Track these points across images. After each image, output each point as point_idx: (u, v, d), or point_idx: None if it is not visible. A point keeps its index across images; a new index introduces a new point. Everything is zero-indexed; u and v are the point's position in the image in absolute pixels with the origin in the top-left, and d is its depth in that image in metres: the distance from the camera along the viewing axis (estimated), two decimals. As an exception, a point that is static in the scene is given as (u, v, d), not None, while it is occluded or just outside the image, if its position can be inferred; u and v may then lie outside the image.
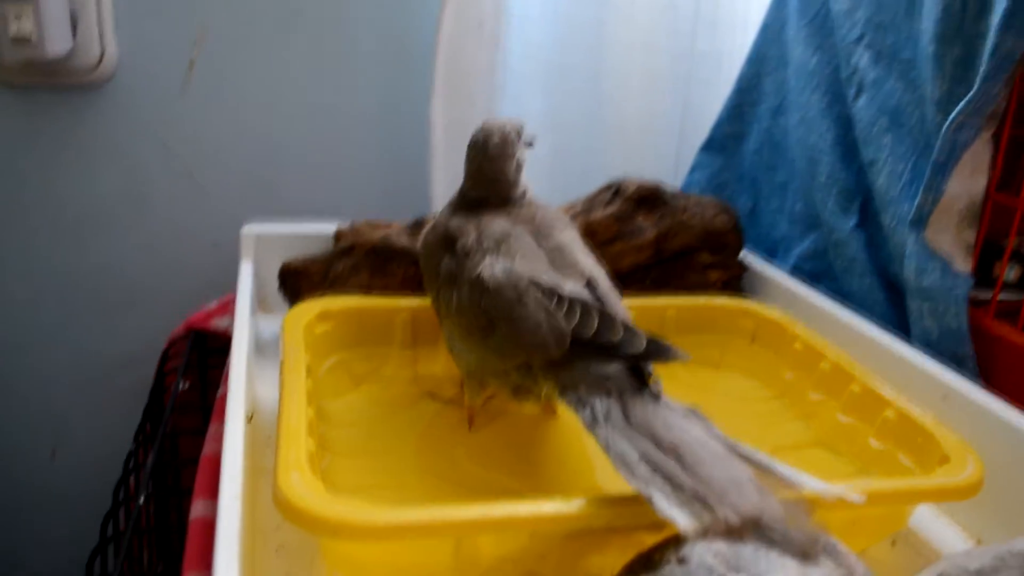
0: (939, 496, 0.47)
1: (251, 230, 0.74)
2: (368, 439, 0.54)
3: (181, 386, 0.65)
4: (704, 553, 0.38)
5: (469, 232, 0.53)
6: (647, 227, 0.70)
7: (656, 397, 0.43)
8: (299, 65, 0.86)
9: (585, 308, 0.46)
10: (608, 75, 0.93)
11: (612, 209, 0.70)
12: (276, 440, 0.44)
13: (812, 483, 0.39)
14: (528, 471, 0.53)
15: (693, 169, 0.90)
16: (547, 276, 0.49)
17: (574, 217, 0.70)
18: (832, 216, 0.71)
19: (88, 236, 0.85)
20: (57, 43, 0.75)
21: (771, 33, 0.83)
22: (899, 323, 0.65)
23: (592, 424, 0.42)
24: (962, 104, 0.58)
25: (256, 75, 0.85)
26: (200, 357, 0.76)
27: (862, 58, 0.69)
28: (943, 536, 0.52)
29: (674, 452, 0.38)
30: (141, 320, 0.87)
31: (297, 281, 0.66)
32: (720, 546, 0.38)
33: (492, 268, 0.49)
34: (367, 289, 0.65)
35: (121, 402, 0.81)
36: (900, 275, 0.64)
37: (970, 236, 0.62)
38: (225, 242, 0.74)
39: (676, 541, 0.38)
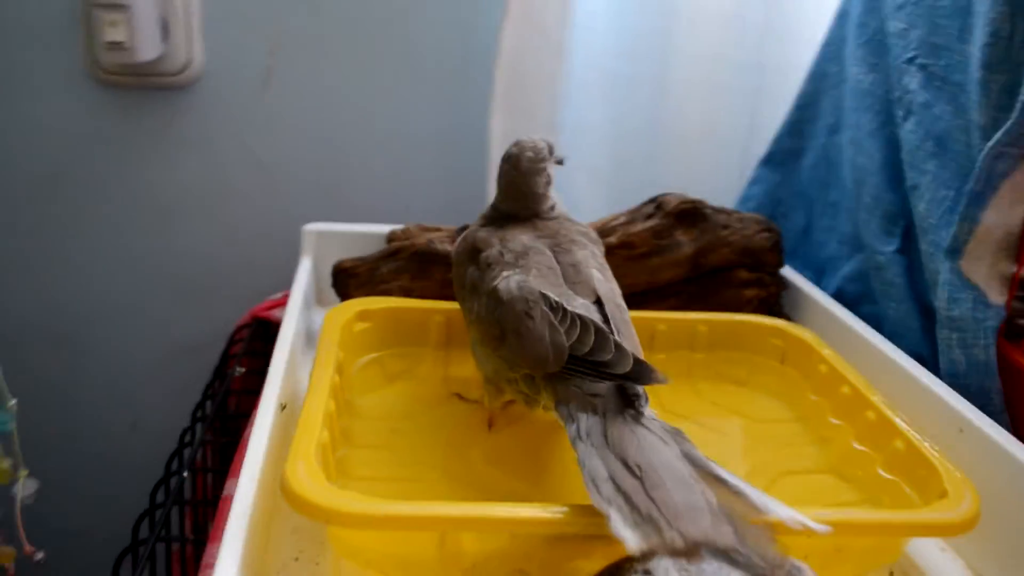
0: (926, 531, 0.47)
1: (312, 228, 0.79)
2: (391, 433, 0.58)
3: (238, 371, 0.71)
4: (669, 568, 0.40)
5: (493, 244, 0.56)
6: (685, 242, 0.71)
7: (637, 418, 0.45)
8: (367, 75, 0.91)
9: (584, 325, 0.48)
10: (672, 86, 0.94)
11: (652, 223, 0.71)
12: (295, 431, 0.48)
13: (780, 510, 0.40)
14: (537, 476, 0.55)
15: (751, 184, 0.91)
16: (557, 291, 0.51)
17: (613, 229, 0.72)
18: (874, 239, 0.70)
19: (172, 225, 0.93)
20: (148, 49, 0.82)
21: (831, 50, 0.82)
22: (933, 352, 0.65)
23: (575, 439, 0.44)
24: (1000, 132, 0.57)
25: (328, 83, 0.91)
26: (263, 345, 0.81)
27: (913, 79, 0.68)
28: (945, 571, 0.52)
29: (640, 474, 0.40)
30: (217, 305, 0.94)
31: (346, 280, 0.71)
32: (685, 563, 0.40)
33: (508, 281, 0.52)
34: (408, 291, 0.69)
35: (194, 382, 0.87)
36: (934, 303, 0.63)
37: (1007, 268, 0.61)
38: (295, 239, 0.80)
39: (646, 555, 0.41)
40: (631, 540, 0.37)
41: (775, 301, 0.74)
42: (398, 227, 0.75)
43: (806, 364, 0.65)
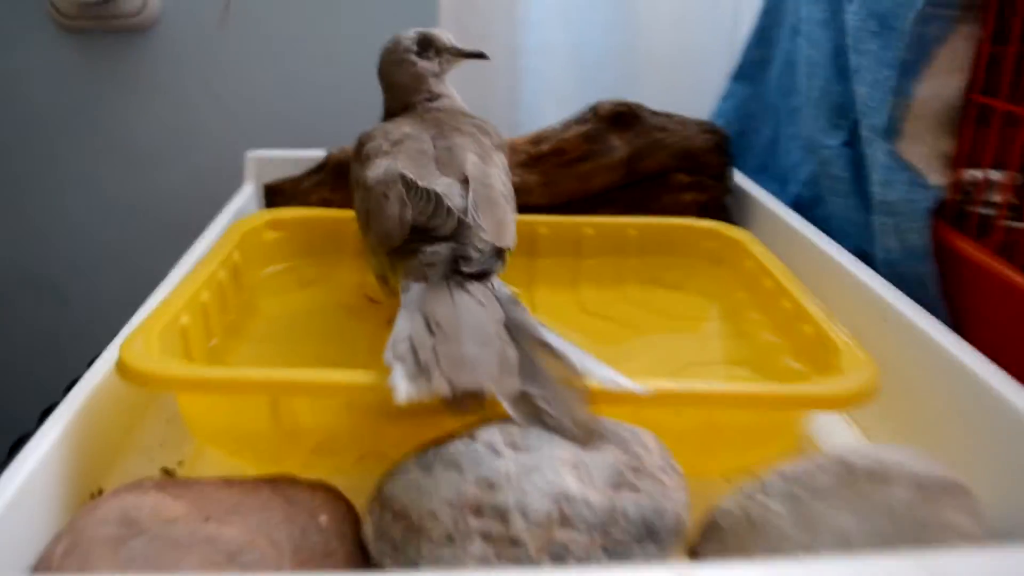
0: (804, 404, 0.43)
1: (255, 155, 0.78)
2: (287, 329, 0.57)
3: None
4: (493, 433, 0.38)
5: (376, 138, 0.54)
6: (619, 146, 0.67)
7: (462, 283, 0.42)
8: (322, 7, 0.90)
9: (430, 198, 0.46)
10: (638, 3, 0.90)
11: (585, 128, 0.68)
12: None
13: (599, 371, 0.38)
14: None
15: (723, 99, 0.86)
16: (422, 172, 0.49)
17: (546, 137, 0.69)
18: (822, 133, 0.65)
19: (141, 166, 0.94)
20: (102, -13, 0.83)
21: (793, -54, 0.77)
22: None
23: (401, 308, 0.42)
24: (927, -9, 0.52)
25: (284, 17, 0.90)
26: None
27: (859, -41, 0.63)
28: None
29: (440, 331, 0.38)
30: (182, 244, 0.94)
31: (274, 198, 0.70)
32: (511, 429, 0.37)
33: (377, 168, 0.51)
34: (327, 202, 0.68)
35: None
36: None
37: (947, 145, 0.55)
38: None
39: (478, 424, 0.38)
40: (400, 389, 0.35)
41: (718, 205, 0.69)
42: (337, 148, 0.74)
43: (737, 263, 0.61)
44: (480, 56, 0.61)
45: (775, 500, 0.36)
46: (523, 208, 0.58)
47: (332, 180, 0.68)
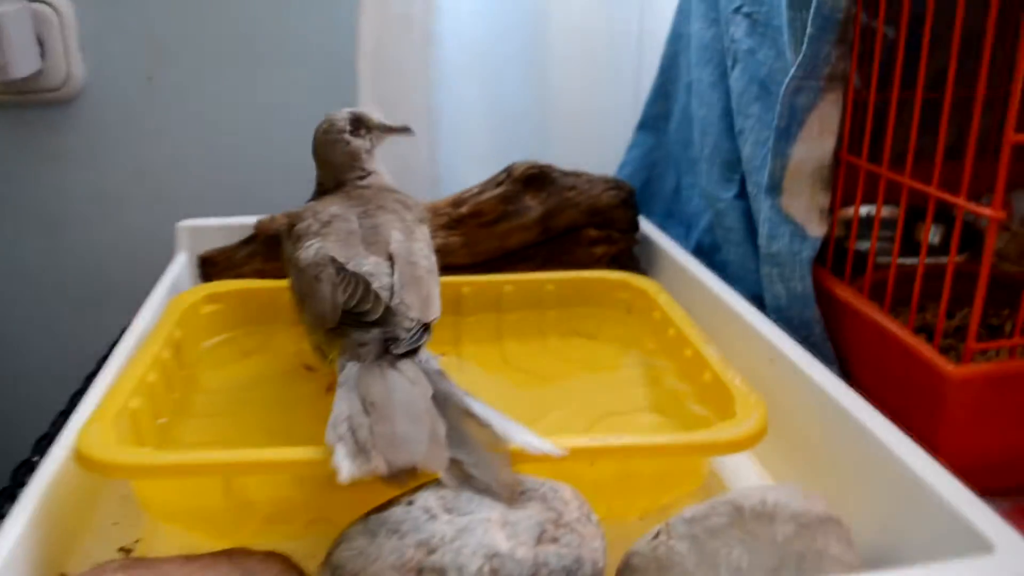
0: (705, 450, 0.48)
1: (186, 224, 0.81)
2: (232, 403, 0.60)
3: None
4: (429, 497, 0.42)
5: (306, 218, 0.58)
6: (533, 206, 0.73)
7: (393, 362, 0.47)
8: (244, 78, 0.94)
9: (358, 283, 0.50)
10: (550, 63, 0.96)
11: (500, 190, 0.73)
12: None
13: (519, 437, 0.43)
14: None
15: (629, 149, 0.92)
16: (351, 253, 0.54)
17: (465, 200, 0.74)
18: (715, 186, 0.72)
19: (61, 235, 0.95)
20: (24, 65, 0.85)
21: (684, 10, 0.84)
22: (768, 290, 0.66)
23: (338, 387, 0.46)
24: (794, 67, 0.59)
25: (208, 88, 0.94)
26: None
27: (739, 28, 0.70)
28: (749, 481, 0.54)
29: (375, 411, 0.43)
30: (108, 312, 0.96)
31: (208, 270, 0.73)
32: (445, 492, 0.42)
33: (308, 250, 0.55)
34: (261, 272, 0.71)
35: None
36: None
37: (823, 200, 0.62)
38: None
39: (415, 489, 0.43)
40: (343, 469, 0.39)
41: (627, 256, 0.75)
42: (265, 216, 0.77)
43: (647, 312, 0.66)
44: (406, 131, 0.65)
45: (679, 541, 0.41)
46: (446, 268, 0.63)
47: (265, 251, 0.72)
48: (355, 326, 0.49)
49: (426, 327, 0.51)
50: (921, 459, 0.44)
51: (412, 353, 0.48)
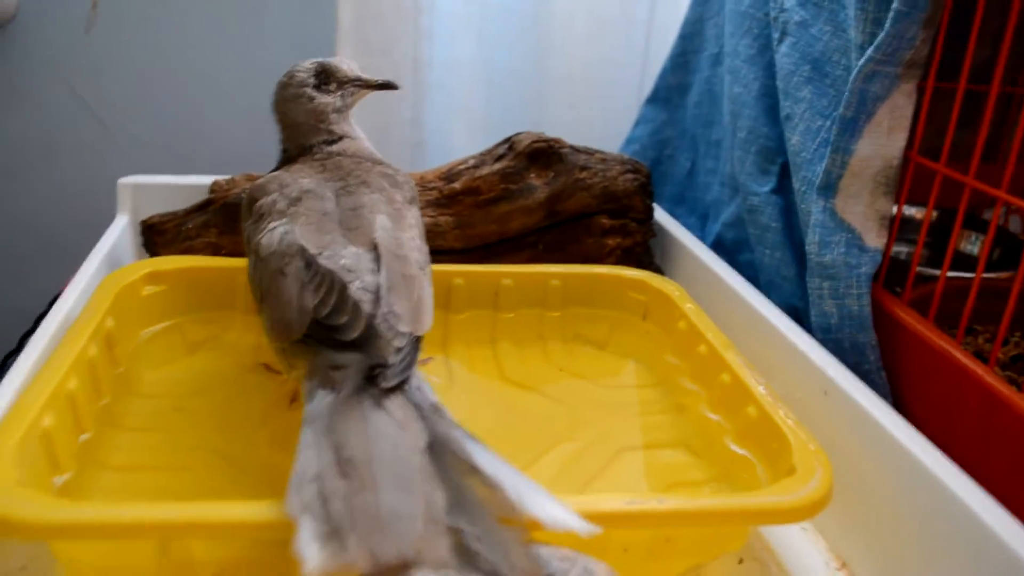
0: (762, 518, 0.39)
1: (128, 181, 0.70)
2: (173, 412, 0.50)
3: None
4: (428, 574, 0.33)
5: (271, 191, 0.48)
6: (538, 186, 0.63)
7: (379, 396, 0.37)
8: (207, 16, 0.81)
9: (332, 284, 0.40)
10: (551, 19, 0.85)
11: (501, 165, 0.63)
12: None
13: (540, 508, 0.33)
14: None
15: (636, 124, 0.82)
16: (325, 241, 0.43)
17: (459, 174, 0.63)
18: (749, 178, 0.63)
19: (-5, 183, 0.83)
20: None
21: (715, -30, 0.74)
22: (809, 303, 0.57)
23: (304, 424, 0.36)
24: (871, 48, 0.50)
25: (161, 16, 0.80)
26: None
27: (790, -3, 0.60)
28: (800, 554, 0.46)
29: (350, 471, 0.32)
30: (43, 271, 0.84)
31: (152, 238, 0.62)
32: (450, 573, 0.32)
33: (272, 234, 0.44)
34: (216, 247, 0.60)
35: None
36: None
37: (885, 206, 0.53)
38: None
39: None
40: (311, 559, 0.29)
41: (643, 250, 0.66)
42: (224, 177, 0.66)
43: (668, 321, 0.57)
44: (387, 86, 0.54)
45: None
46: (435, 252, 0.53)
47: (221, 221, 0.61)
48: (328, 344, 0.39)
49: (417, 342, 0.41)
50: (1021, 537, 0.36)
51: (401, 383, 0.38)
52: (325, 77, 0.52)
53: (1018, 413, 0.43)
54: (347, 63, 0.53)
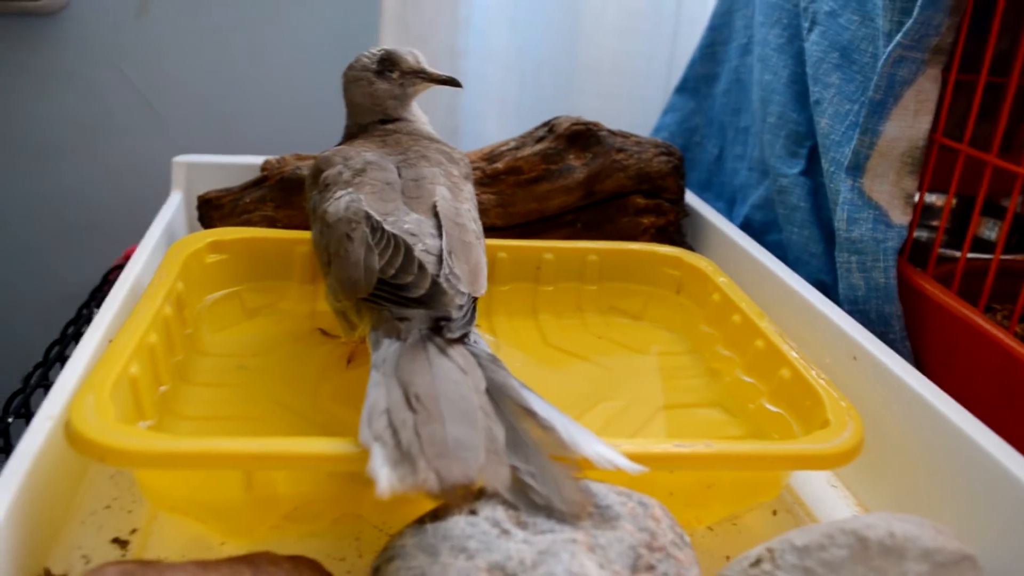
0: (798, 463, 0.42)
1: (183, 160, 0.73)
2: (239, 370, 0.53)
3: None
4: (496, 508, 0.35)
5: (336, 163, 0.51)
6: (577, 167, 0.66)
7: (443, 345, 0.40)
8: (254, 5, 0.84)
9: (397, 246, 0.43)
10: (582, 11, 0.88)
11: (542, 147, 0.66)
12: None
13: (589, 447, 0.36)
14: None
15: (665, 112, 0.85)
16: (389, 208, 0.46)
17: (501, 155, 0.66)
18: (779, 160, 0.66)
19: (48, 162, 0.86)
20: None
21: (744, -36, 0.77)
22: (836, 278, 0.60)
23: (372, 368, 0.39)
24: (900, 34, 0.53)
25: (209, 3, 0.83)
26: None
27: (820, -12, 0.63)
28: (831, 506, 0.48)
29: (417, 406, 0.35)
30: (98, 245, 0.87)
31: (210, 212, 0.65)
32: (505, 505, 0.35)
33: (339, 202, 0.48)
34: (272, 221, 0.64)
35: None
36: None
37: (910, 185, 0.56)
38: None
39: (476, 495, 0.36)
40: (383, 480, 0.32)
41: (675, 229, 0.69)
42: (274, 156, 0.69)
43: (701, 294, 0.60)
44: (451, 83, 0.57)
45: (788, 573, 0.35)
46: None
47: (277, 196, 0.64)
48: (393, 300, 0.42)
49: (474, 303, 0.44)
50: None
51: (462, 336, 0.41)
52: (389, 65, 0.55)
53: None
54: (413, 55, 0.56)
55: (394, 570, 0.34)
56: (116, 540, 0.41)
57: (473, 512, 0.35)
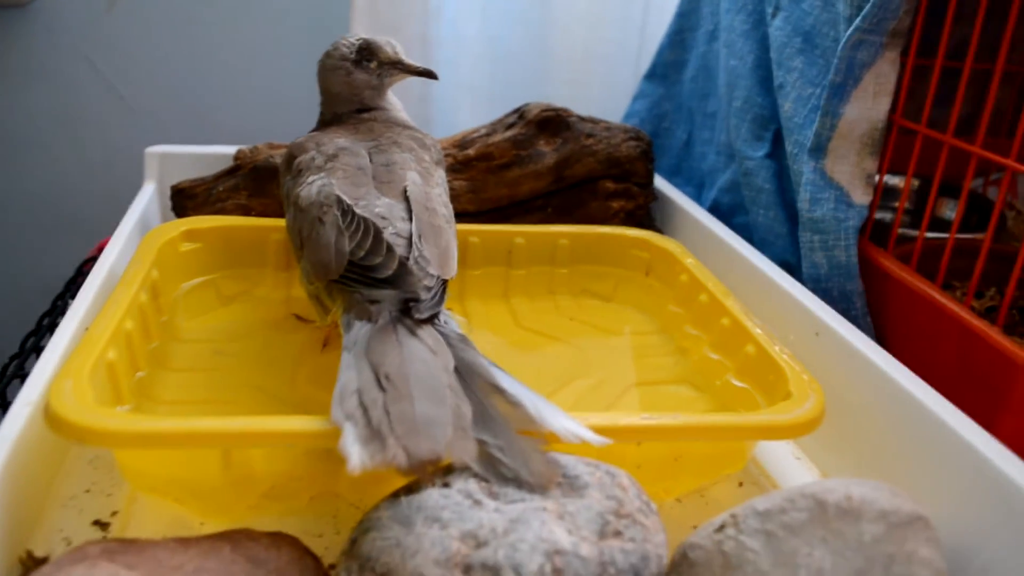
0: (760, 434, 0.44)
1: (155, 151, 0.73)
2: (215, 355, 0.54)
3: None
4: (468, 480, 0.37)
5: (308, 149, 0.51)
6: (547, 152, 0.67)
7: (412, 327, 0.41)
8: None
9: (367, 229, 0.44)
10: (554, 3, 0.89)
11: (512, 133, 0.67)
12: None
13: (555, 421, 0.37)
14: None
15: (635, 99, 0.87)
16: (359, 193, 0.47)
17: (472, 141, 0.67)
18: (744, 144, 0.67)
19: (20, 156, 0.86)
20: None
21: (710, -49, 0.78)
22: (800, 258, 0.62)
23: (344, 350, 0.40)
24: (859, 18, 0.54)
25: (182, 2, 0.84)
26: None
27: (782, -26, 0.64)
28: (796, 476, 0.50)
29: (387, 386, 0.37)
30: (70, 238, 0.87)
31: (183, 201, 0.65)
32: (477, 477, 0.37)
33: (311, 187, 0.48)
34: (246, 209, 0.64)
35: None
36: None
37: (871, 166, 0.58)
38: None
39: (448, 469, 0.37)
40: (354, 457, 0.33)
41: (644, 213, 0.70)
42: (246, 146, 0.70)
43: (670, 275, 0.62)
44: (427, 74, 0.58)
45: (750, 537, 0.37)
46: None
47: (250, 184, 0.64)
48: (363, 282, 0.43)
49: (443, 283, 0.45)
50: (1001, 452, 0.40)
51: (431, 317, 0.42)
52: (367, 55, 0.55)
53: (991, 345, 0.47)
54: (392, 45, 0.56)
55: (370, 541, 0.35)
56: (97, 522, 0.42)
57: (446, 484, 0.37)
